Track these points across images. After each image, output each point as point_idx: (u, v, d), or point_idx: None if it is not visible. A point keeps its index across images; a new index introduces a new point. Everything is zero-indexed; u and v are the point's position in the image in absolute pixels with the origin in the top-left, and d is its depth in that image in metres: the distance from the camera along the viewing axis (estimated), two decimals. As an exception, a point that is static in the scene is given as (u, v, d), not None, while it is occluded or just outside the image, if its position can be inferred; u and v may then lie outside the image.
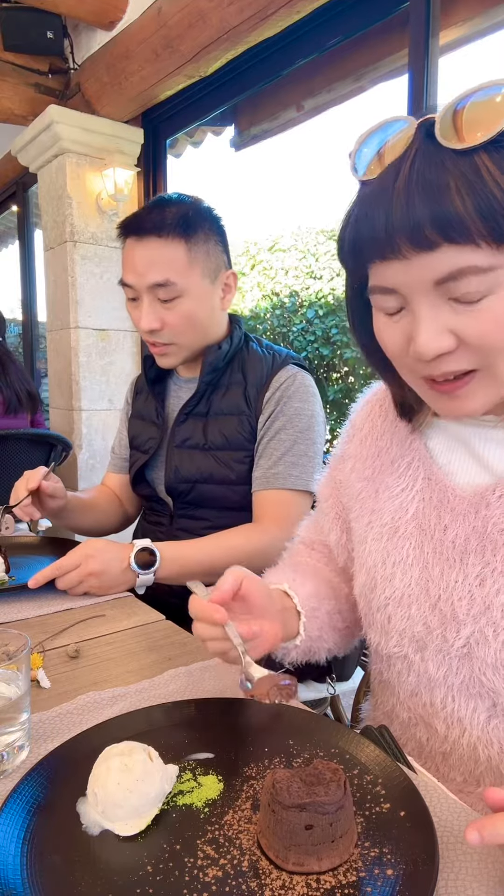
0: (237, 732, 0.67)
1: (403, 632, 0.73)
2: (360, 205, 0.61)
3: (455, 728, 0.70)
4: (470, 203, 0.54)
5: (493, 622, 0.65)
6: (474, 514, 0.69)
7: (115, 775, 0.55)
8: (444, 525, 0.71)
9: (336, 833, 0.50)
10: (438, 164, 0.55)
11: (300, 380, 1.31)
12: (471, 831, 0.43)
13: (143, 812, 0.55)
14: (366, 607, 0.80)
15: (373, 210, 0.59)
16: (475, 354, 0.61)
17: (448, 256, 0.56)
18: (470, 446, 0.72)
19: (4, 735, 0.62)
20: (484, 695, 0.67)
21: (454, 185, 0.54)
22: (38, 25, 2.94)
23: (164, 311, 1.24)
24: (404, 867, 0.49)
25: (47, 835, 0.53)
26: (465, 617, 0.67)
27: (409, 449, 0.78)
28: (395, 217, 0.57)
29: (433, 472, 0.75)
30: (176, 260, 1.21)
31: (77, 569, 1.09)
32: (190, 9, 2.35)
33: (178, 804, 0.57)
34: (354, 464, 0.86)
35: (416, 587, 0.72)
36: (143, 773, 0.55)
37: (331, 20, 2.27)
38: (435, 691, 0.71)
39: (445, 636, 0.69)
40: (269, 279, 7.55)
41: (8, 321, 3.37)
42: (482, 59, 2.86)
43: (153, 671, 0.84)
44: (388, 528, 0.76)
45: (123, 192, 3.16)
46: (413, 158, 0.57)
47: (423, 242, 0.56)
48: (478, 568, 0.68)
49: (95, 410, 3.32)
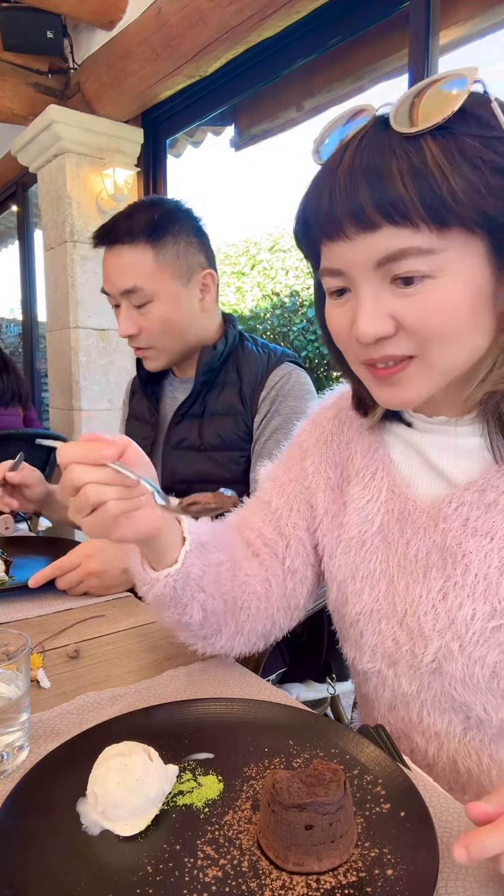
0: (237, 732, 0.67)
1: (375, 647, 0.73)
2: (310, 186, 0.62)
3: (433, 742, 0.70)
4: (411, 186, 0.55)
5: (458, 636, 0.65)
6: (434, 527, 0.69)
7: (114, 775, 0.54)
8: (407, 539, 0.71)
9: (336, 833, 0.49)
10: (384, 148, 0.56)
11: (296, 378, 1.30)
12: (458, 849, 0.43)
13: (143, 812, 0.55)
14: (339, 622, 0.80)
15: (320, 191, 0.60)
16: (413, 340, 0.61)
17: (389, 237, 0.57)
18: (426, 456, 0.72)
19: (4, 735, 0.62)
20: (457, 709, 0.67)
21: (397, 167, 0.55)
22: (38, 25, 2.94)
23: (139, 316, 1.26)
24: (404, 867, 0.49)
25: (47, 835, 0.53)
26: (431, 632, 0.67)
27: (374, 458, 0.78)
28: (338, 197, 0.58)
29: (396, 483, 0.74)
30: (142, 265, 1.22)
31: (77, 568, 1.09)
32: (190, 9, 2.35)
33: (178, 804, 0.57)
34: (318, 466, 0.83)
35: (383, 602, 0.72)
36: (142, 773, 0.55)
37: (331, 20, 2.27)
38: (410, 706, 0.71)
39: (414, 652, 0.68)
40: (269, 279, 7.55)
41: (8, 321, 3.37)
42: (482, 59, 2.86)
43: (153, 671, 0.84)
44: (356, 542, 0.76)
45: (123, 192, 3.16)
46: (360, 141, 0.58)
47: (364, 222, 0.57)
48: (440, 582, 0.67)
49: (95, 410, 3.32)
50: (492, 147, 0.55)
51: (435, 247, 0.57)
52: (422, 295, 0.58)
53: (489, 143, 0.55)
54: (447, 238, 0.57)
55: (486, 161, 0.55)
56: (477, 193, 0.55)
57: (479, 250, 0.58)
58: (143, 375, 1.43)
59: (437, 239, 0.56)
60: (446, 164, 0.54)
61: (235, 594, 0.78)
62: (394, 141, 0.56)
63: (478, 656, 0.64)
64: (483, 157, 0.55)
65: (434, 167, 0.54)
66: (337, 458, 0.83)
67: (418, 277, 0.58)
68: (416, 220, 0.55)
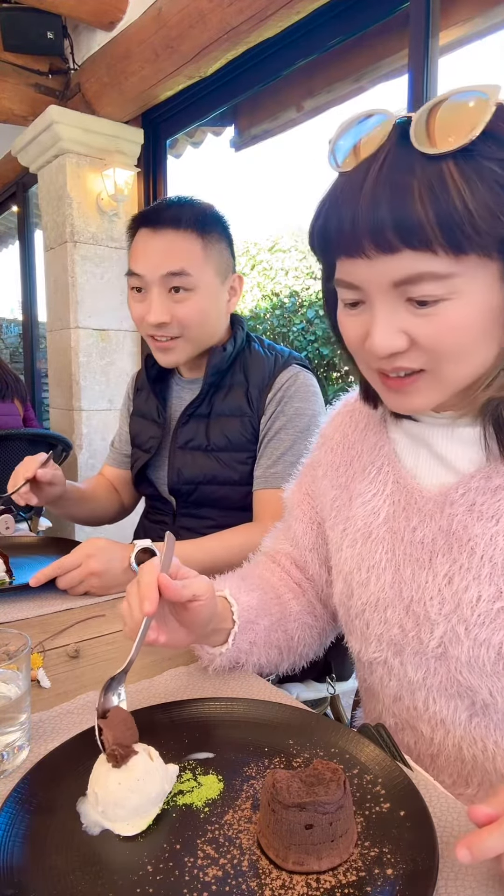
0: (237, 732, 0.67)
1: (381, 636, 0.73)
2: (331, 199, 0.62)
3: (439, 729, 0.70)
4: (431, 211, 0.55)
5: (464, 619, 0.66)
6: (440, 513, 0.70)
7: (115, 775, 0.54)
8: (413, 526, 0.72)
9: (336, 832, 0.50)
10: (406, 168, 0.56)
11: (302, 379, 1.31)
12: (460, 849, 0.44)
13: (145, 812, 0.55)
14: (345, 615, 0.80)
15: (341, 207, 0.60)
16: (426, 356, 0.62)
17: (408, 260, 0.57)
18: (432, 447, 0.73)
19: (4, 735, 0.62)
20: (463, 694, 0.67)
21: (418, 190, 0.55)
22: (38, 25, 2.94)
23: (175, 304, 1.23)
24: (404, 867, 0.49)
25: (47, 835, 0.53)
26: (438, 616, 0.68)
27: (379, 455, 0.79)
28: (360, 217, 0.58)
29: (401, 475, 0.75)
30: (193, 252, 1.21)
31: (78, 568, 1.09)
32: (190, 9, 2.36)
33: (179, 804, 0.57)
34: (326, 471, 0.87)
35: (389, 591, 0.73)
36: (143, 772, 0.55)
37: (331, 20, 2.27)
38: (416, 694, 0.72)
39: (420, 637, 0.69)
40: (269, 279, 7.56)
41: (8, 321, 3.39)
42: (482, 59, 2.86)
43: (153, 671, 0.84)
44: (362, 534, 0.77)
45: (123, 193, 3.17)
46: (384, 159, 0.58)
47: (384, 245, 0.57)
48: (446, 566, 0.68)
49: (95, 410, 3.32)
50: None
51: (452, 271, 0.57)
52: (437, 315, 0.59)
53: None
54: (464, 262, 0.57)
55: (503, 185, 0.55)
56: (495, 219, 0.55)
57: (494, 272, 0.58)
58: (153, 375, 1.43)
59: (454, 264, 0.57)
60: (466, 190, 0.54)
61: (289, 638, 0.87)
62: (414, 159, 0.56)
63: (483, 638, 0.64)
64: (501, 181, 0.55)
65: (454, 193, 0.54)
66: (341, 459, 0.85)
67: (433, 300, 0.59)
68: (435, 247, 0.56)
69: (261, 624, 0.83)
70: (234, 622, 0.79)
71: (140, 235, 1.25)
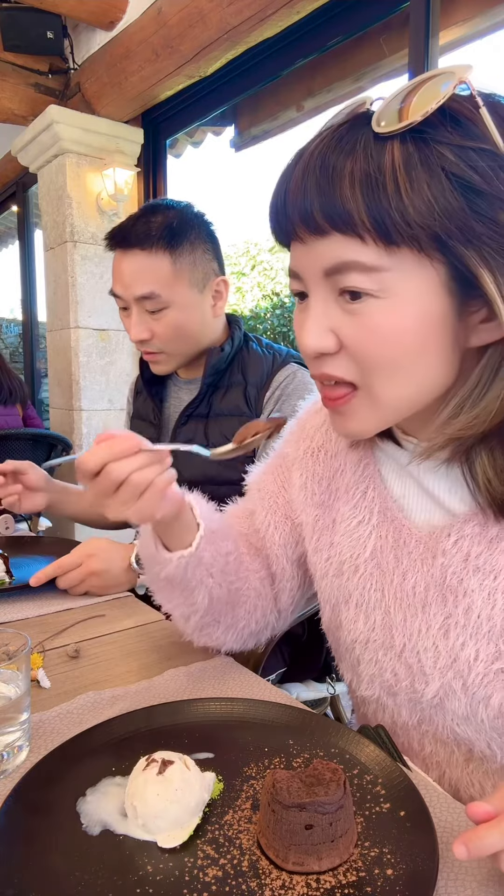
0: (237, 732, 0.67)
1: (373, 676, 0.70)
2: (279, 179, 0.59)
3: (434, 770, 0.68)
4: (360, 196, 0.51)
5: (461, 675, 0.62)
6: (431, 560, 0.65)
7: (153, 786, 0.53)
8: (403, 570, 0.68)
9: (336, 833, 0.49)
10: (345, 150, 0.53)
11: (300, 377, 1.31)
12: (458, 845, 0.43)
13: (184, 823, 0.53)
14: (335, 643, 0.78)
15: (279, 190, 0.58)
16: (354, 364, 0.58)
17: (338, 245, 0.54)
18: (419, 480, 0.68)
19: (4, 735, 0.62)
20: (460, 742, 0.65)
21: (350, 174, 0.52)
22: (38, 25, 2.94)
23: (153, 321, 1.24)
24: (404, 867, 0.49)
25: (47, 835, 0.53)
26: (433, 670, 0.64)
27: (364, 475, 0.74)
28: (290, 198, 0.56)
29: (388, 505, 0.70)
30: (160, 272, 1.21)
31: (78, 568, 1.09)
32: (190, 9, 2.36)
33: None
34: (306, 481, 0.80)
35: (380, 632, 0.69)
36: (181, 782, 0.54)
37: (331, 20, 2.27)
38: (411, 734, 0.69)
39: (415, 687, 0.66)
40: (269, 279, 7.56)
41: (8, 321, 3.38)
42: (482, 59, 2.86)
43: (153, 671, 0.84)
44: (348, 566, 0.73)
45: (123, 193, 3.17)
46: (323, 139, 0.55)
47: (313, 227, 0.55)
48: (440, 619, 0.64)
49: (95, 410, 3.32)
50: (464, 158, 0.50)
51: (382, 264, 0.53)
52: (365, 314, 0.56)
53: (463, 152, 0.50)
54: (396, 257, 0.53)
55: (451, 175, 0.50)
56: (430, 214, 0.50)
57: (434, 277, 0.54)
58: (147, 377, 1.43)
59: (385, 256, 0.53)
60: (403, 176, 0.50)
61: (238, 585, 0.80)
62: (360, 140, 0.52)
63: (482, 696, 0.61)
64: (450, 169, 0.50)
65: (389, 178, 0.50)
66: (323, 471, 0.79)
67: (364, 294, 0.55)
68: (362, 233, 0.52)
69: (222, 545, 0.76)
70: (198, 525, 0.73)
71: (115, 256, 1.26)
